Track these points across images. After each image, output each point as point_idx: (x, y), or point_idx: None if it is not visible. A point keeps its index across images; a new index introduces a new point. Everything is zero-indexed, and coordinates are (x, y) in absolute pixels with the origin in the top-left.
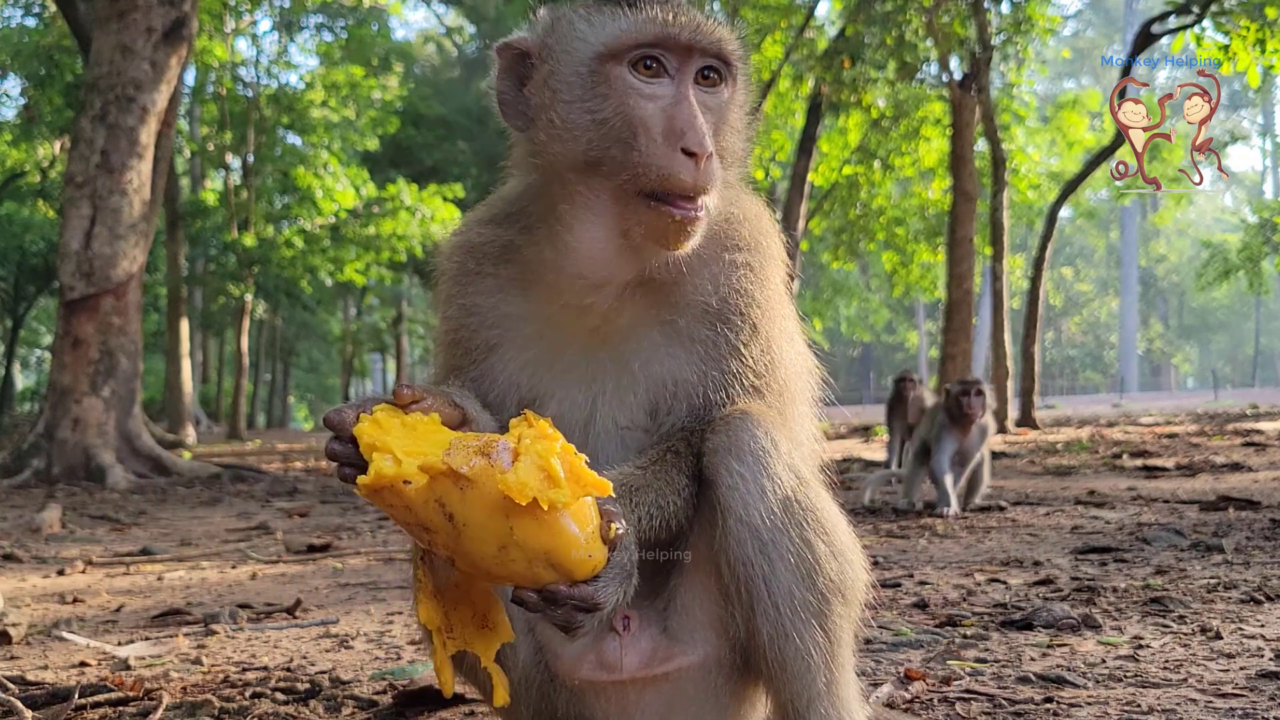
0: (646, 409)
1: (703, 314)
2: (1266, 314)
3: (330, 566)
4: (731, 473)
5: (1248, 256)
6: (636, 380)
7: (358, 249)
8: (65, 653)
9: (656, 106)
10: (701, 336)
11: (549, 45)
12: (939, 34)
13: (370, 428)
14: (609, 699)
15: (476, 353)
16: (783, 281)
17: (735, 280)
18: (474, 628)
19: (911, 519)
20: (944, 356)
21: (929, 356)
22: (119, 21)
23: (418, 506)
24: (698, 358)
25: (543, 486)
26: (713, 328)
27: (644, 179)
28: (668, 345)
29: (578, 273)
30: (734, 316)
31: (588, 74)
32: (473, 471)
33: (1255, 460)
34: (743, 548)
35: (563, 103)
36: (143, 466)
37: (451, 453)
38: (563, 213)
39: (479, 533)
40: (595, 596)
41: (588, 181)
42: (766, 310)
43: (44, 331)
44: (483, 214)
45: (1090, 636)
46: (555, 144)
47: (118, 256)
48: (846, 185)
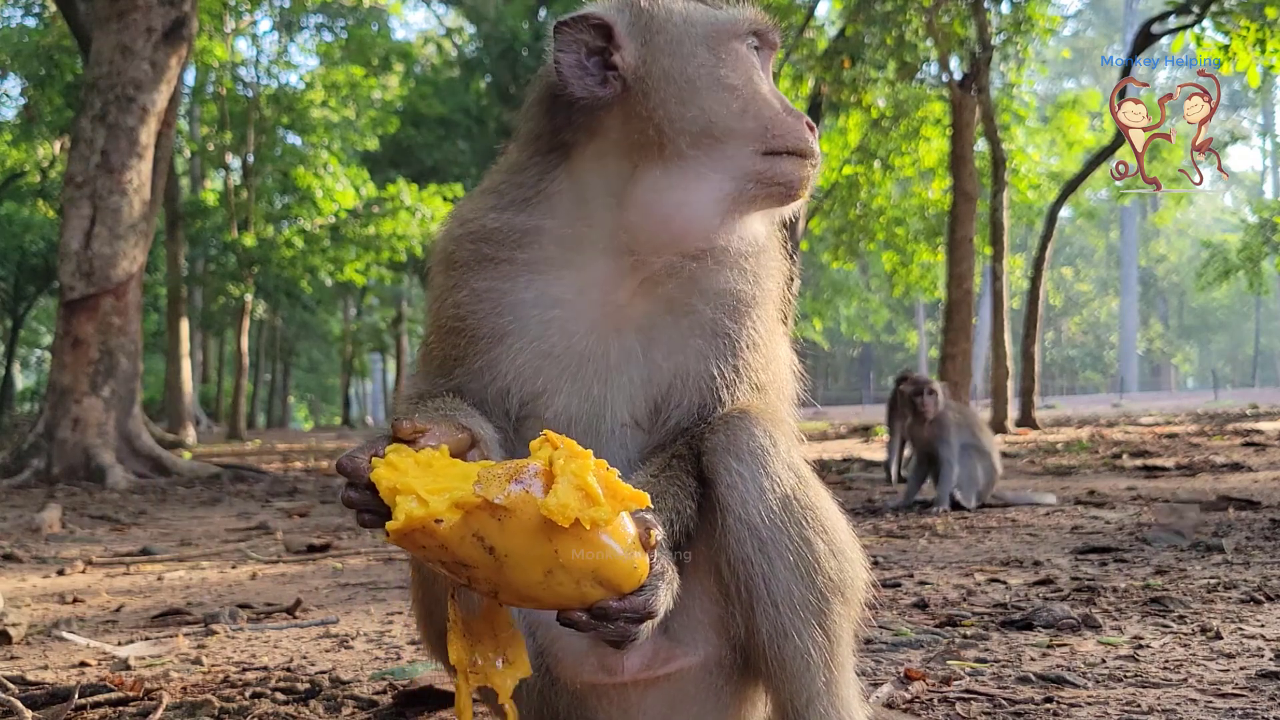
0: (655, 403)
1: (730, 306)
2: (1266, 314)
3: (330, 566)
4: (730, 471)
5: (1248, 256)
6: (653, 371)
7: (358, 249)
8: (65, 653)
9: (768, 86)
10: (725, 329)
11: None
12: (939, 34)
13: (387, 471)
14: (610, 701)
15: (482, 342)
16: (778, 275)
17: (758, 275)
18: (494, 663)
19: (912, 519)
20: (944, 356)
21: (929, 356)
22: (119, 21)
23: (454, 544)
24: (716, 351)
25: (583, 506)
26: (737, 321)
27: (777, 140)
28: (690, 336)
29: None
30: (755, 311)
31: (716, 44)
32: (509, 500)
33: (1255, 460)
34: (742, 546)
35: (690, 68)
36: (143, 466)
37: (482, 484)
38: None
39: (523, 561)
40: (648, 605)
41: (699, 143)
42: (764, 305)
43: (44, 331)
44: (491, 201)
45: (1090, 636)
46: (673, 106)
47: (118, 256)
48: (846, 185)
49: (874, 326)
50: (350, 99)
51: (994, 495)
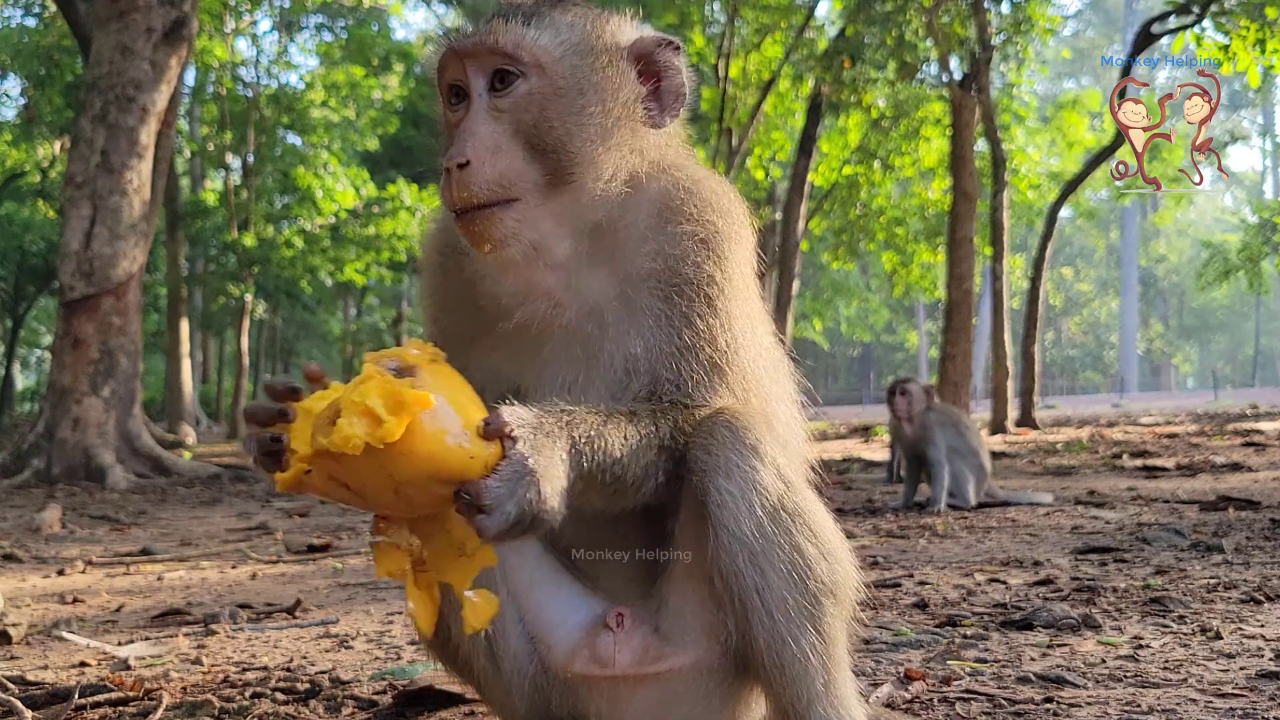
0: (615, 391)
1: (652, 284)
2: (1266, 314)
3: (330, 566)
4: (720, 490)
5: (1248, 256)
6: (606, 361)
7: (358, 249)
8: (65, 653)
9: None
10: (653, 308)
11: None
12: (939, 34)
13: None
14: (602, 695)
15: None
16: (745, 263)
17: (681, 250)
18: (451, 557)
19: (912, 519)
20: (944, 356)
21: (929, 356)
22: (119, 21)
23: (324, 489)
24: (648, 329)
25: (370, 429)
26: (664, 298)
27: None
28: (626, 320)
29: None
30: (684, 286)
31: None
32: (330, 443)
33: (1255, 460)
34: (735, 560)
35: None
36: (143, 466)
37: (315, 429)
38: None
39: (374, 488)
40: (482, 495)
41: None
42: (723, 288)
43: (44, 331)
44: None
45: (1090, 636)
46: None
47: (118, 256)
48: (846, 185)
49: (874, 326)
50: (350, 99)
51: (987, 494)
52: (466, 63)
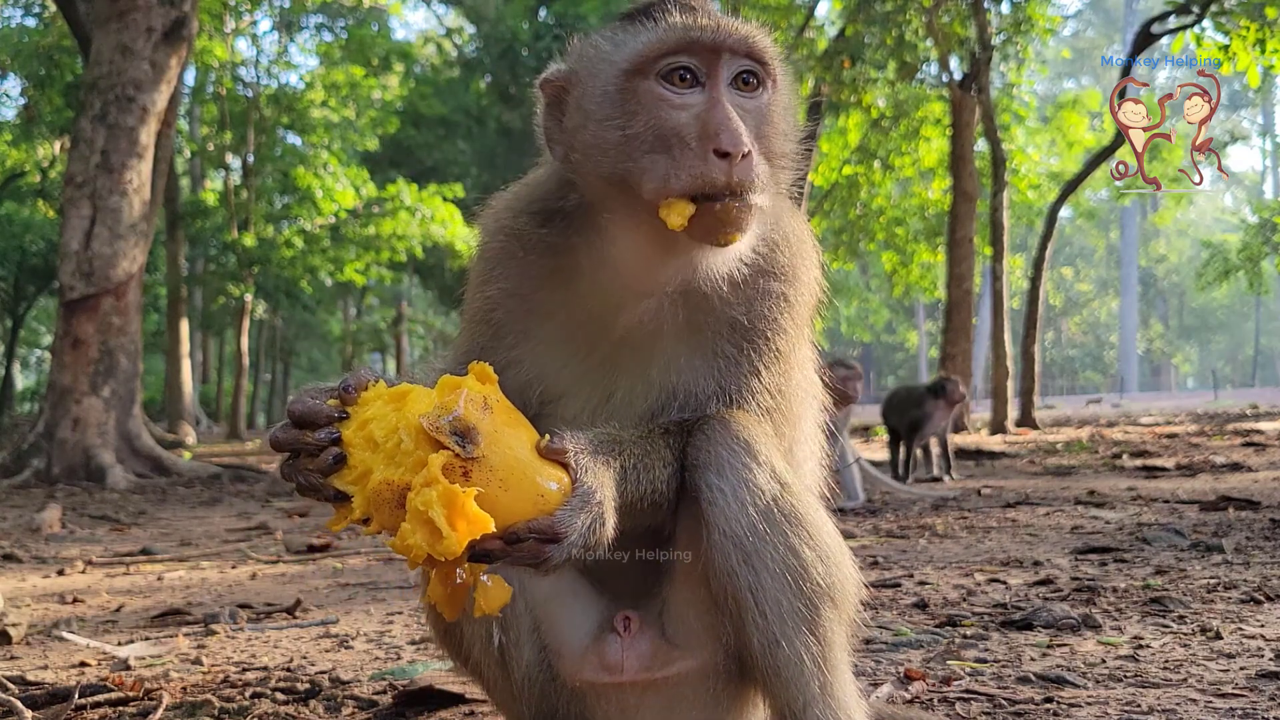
0: (652, 412)
1: (730, 331)
2: (1266, 314)
3: (330, 566)
4: (711, 487)
5: (1248, 256)
6: (650, 387)
7: (358, 249)
8: (65, 653)
9: (689, 114)
10: (726, 353)
11: (578, 72)
12: (939, 34)
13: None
14: (610, 701)
15: (508, 338)
16: (811, 309)
17: (768, 308)
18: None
19: (912, 519)
20: (944, 356)
21: (929, 356)
22: (119, 21)
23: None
24: (717, 372)
25: (431, 542)
26: (738, 346)
27: (676, 183)
28: (689, 356)
29: (621, 283)
30: (760, 340)
31: (616, 92)
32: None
33: (1255, 460)
34: (727, 560)
35: (594, 123)
36: (143, 466)
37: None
38: (606, 224)
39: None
40: (555, 527)
41: (624, 197)
42: (794, 340)
43: (44, 331)
44: (521, 205)
45: (1090, 636)
46: (589, 164)
47: (118, 256)
48: (846, 185)
49: (874, 326)
50: (350, 99)
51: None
52: (723, 55)
